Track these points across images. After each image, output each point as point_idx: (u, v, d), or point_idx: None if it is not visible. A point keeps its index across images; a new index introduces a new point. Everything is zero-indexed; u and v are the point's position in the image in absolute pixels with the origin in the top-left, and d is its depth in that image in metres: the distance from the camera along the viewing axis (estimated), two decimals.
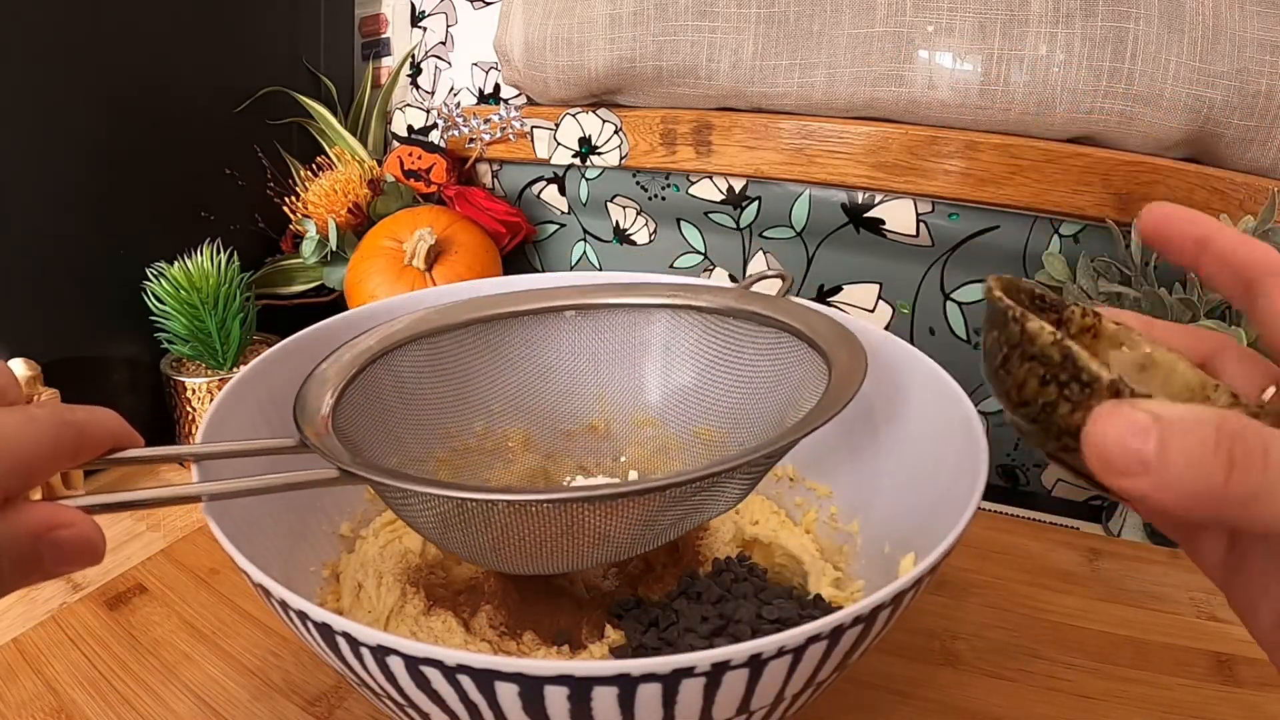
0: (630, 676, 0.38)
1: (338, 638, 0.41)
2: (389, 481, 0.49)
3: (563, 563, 0.53)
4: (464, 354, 0.74)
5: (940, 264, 0.95)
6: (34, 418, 0.38)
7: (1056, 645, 0.69)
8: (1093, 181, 0.85)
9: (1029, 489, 1.01)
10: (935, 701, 0.64)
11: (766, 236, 1.03)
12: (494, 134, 1.14)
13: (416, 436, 0.70)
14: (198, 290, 0.93)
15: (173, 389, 0.97)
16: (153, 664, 0.66)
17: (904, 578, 0.44)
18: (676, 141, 1.02)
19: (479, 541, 0.52)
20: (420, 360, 0.71)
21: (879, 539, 0.67)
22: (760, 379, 0.70)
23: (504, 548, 0.52)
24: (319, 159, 1.15)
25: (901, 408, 0.67)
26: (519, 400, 0.76)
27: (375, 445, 0.64)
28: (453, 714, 0.42)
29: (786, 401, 0.66)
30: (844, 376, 0.58)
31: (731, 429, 0.72)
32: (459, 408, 0.73)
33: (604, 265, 1.16)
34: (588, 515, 0.50)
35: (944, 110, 0.88)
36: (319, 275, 1.11)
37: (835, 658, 0.43)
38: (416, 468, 0.69)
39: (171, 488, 0.47)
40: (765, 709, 0.44)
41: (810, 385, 0.63)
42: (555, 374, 0.77)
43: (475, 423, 0.74)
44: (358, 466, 0.50)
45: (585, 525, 0.51)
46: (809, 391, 0.63)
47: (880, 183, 0.93)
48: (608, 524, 0.51)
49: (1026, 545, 0.81)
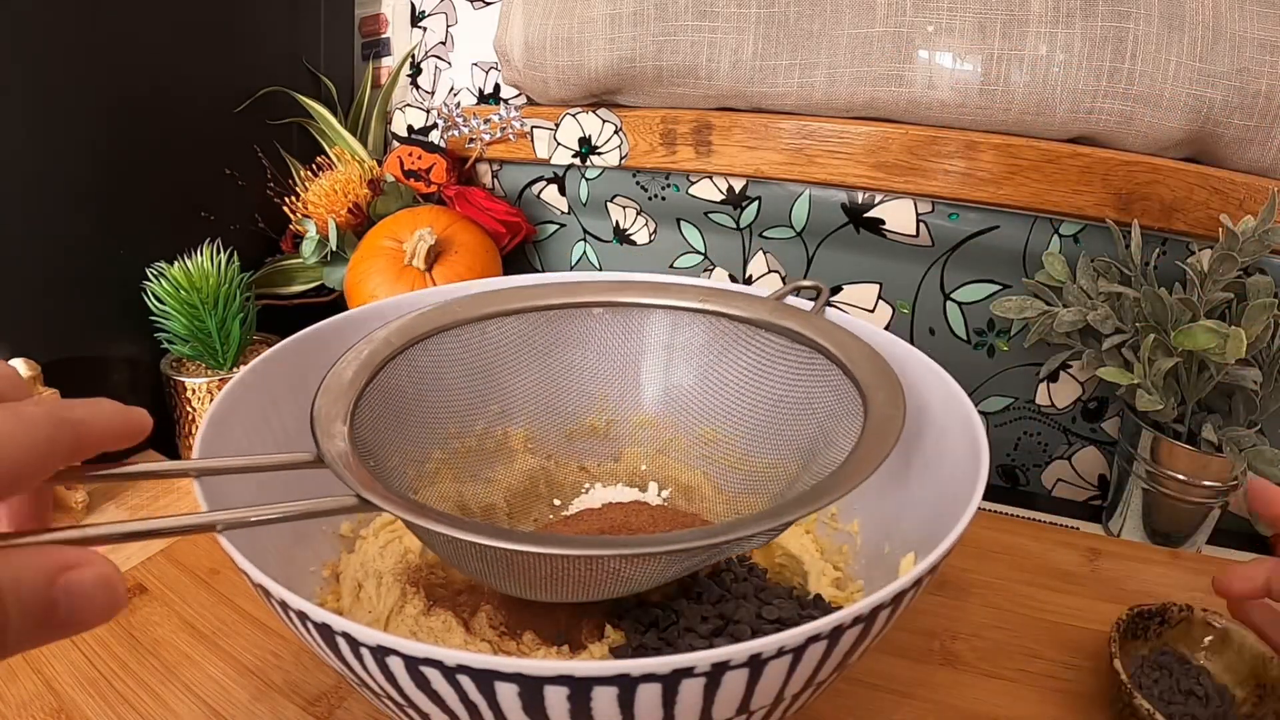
0: (630, 676, 0.38)
1: (337, 638, 0.41)
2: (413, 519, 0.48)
3: (580, 595, 0.53)
4: (487, 348, 0.74)
5: (940, 264, 0.95)
6: (24, 415, 0.35)
7: (1056, 645, 0.69)
8: (1093, 181, 0.85)
9: (1029, 489, 1.01)
10: (935, 701, 0.64)
11: (766, 236, 1.03)
12: (494, 134, 1.14)
13: (419, 435, 0.70)
14: (198, 290, 0.93)
15: (173, 389, 0.97)
16: (153, 664, 0.65)
17: (904, 578, 0.44)
18: (676, 141, 1.02)
19: (497, 575, 0.52)
20: (440, 354, 0.71)
21: (879, 539, 0.67)
22: (790, 400, 0.70)
23: (520, 582, 0.52)
24: (319, 159, 1.15)
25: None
26: (527, 399, 0.76)
27: (385, 449, 0.64)
28: (452, 714, 0.42)
29: (817, 431, 0.66)
30: (881, 422, 0.58)
31: (754, 448, 0.72)
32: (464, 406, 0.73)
33: (604, 265, 1.16)
34: (613, 564, 0.50)
35: (944, 110, 0.88)
36: (319, 275, 1.11)
37: (835, 658, 0.43)
38: (416, 469, 0.69)
39: (185, 516, 0.46)
40: (765, 709, 0.44)
41: (843, 418, 0.63)
42: (575, 373, 0.77)
43: (478, 423, 0.74)
44: (378, 496, 0.50)
45: (608, 570, 0.50)
46: (841, 424, 0.63)
47: (880, 183, 0.93)
48: (631, 570, 0.51)
49: (1026, 545, 0.81)
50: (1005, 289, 0.93)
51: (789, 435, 0.69)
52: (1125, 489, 0.88)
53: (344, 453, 0.55)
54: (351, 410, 0.59)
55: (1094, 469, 0.97)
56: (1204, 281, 0.78)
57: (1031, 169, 0.86)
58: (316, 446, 0.54)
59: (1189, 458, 0.81)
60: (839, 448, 0.60)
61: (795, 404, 0.69)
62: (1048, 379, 0.95)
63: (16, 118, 0.83)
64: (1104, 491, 0.98)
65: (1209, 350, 0.74)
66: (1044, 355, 0.94)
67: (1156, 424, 0.84)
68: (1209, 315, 0.77)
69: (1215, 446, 0.80)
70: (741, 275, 1.07)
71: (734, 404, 0.74)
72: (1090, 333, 0.87)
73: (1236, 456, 0.77)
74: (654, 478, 0.78)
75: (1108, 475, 0.97)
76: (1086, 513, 0.97)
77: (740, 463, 0.73)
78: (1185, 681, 0.62)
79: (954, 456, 0.59)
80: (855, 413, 0.61)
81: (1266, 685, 0.61)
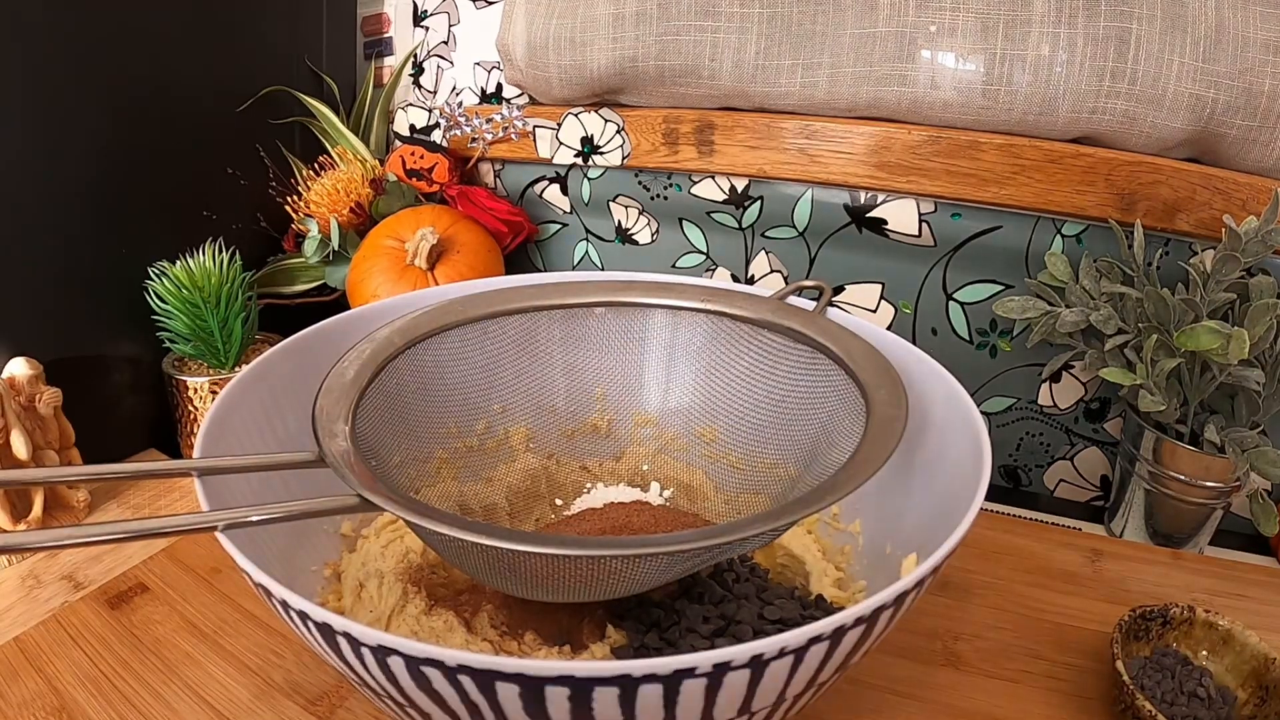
0: (631, 677, 0.38)
1: (338, 638, 0.41)
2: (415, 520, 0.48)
3: (582, 596, 0.53)
4: (489, 347, 0.74)
5: (943, 264, 0.95)
6: None
7: (1058, 646, 0.69)
8: (1095, 181, 0.85)
9: (1031, 489, 1.01)
10: (937, 702, 0.64)
11: (769, 236, 1.03)
12: (496, 133, 1.14)
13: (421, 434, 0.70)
14: (200, 289, 0.93)
15: (174, 388, 0.97)
16: (154, 663, 0.66)
17: (906, 578, 0.44)
18: (679, 141, 1.02)
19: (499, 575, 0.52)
20: (443, 353, 0.71)
21: (881, 539, 0.67)
22: (792, 400, 0.70)
23: (523, 582, 0.52)
24: (321, 158, 1.15)
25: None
26: (529, 398, 0.76)
27: (387, 448, 0.64)
28: (454, 714, 0.42)
29: (819, 431, 0.66)
30: (884, 423, 0.58)
31: (757, 448, 0.72)
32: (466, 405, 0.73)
33: (606, 265, 1.16)
34: (615, 564, 0.50)
35: (947, 110, 0.88)
36: (321, 275, 1.11)
37: (837, 658, 0.44)
38: (417, 468, 0.69)
39: (186, 516, 0.46)
40: (767, 710, 0.44)
41: (845, 417, 0.63)
42: (576, 372, 0.77)
43: (479, 422, 0.74)
44: (379, 496, 0.50)
45: (611, 571, 0.50)
46: (843, 424, 0.63)
47: (883, 183, 0.93)
48: (633, 570, 0.51)
49: (1029, 546, 0.81)
50: (1008, 289, 0.93)
51: (791, 435, 0.69)
52: (1127, 489, 0.88)
53: (346, 452, 0.55)
54: (353, 409, 0.59)
55: (1096, 469, 0.97)
56: (1207, 282, 0.77)
57: (1034, 169, 0.86)
58: (318, 446, 0.54)
59: (1191, 458, 0.81)
60: (841, 448, 0.60)
61: (797, 403, 0.69)
62: (1050, 379, 0.95)
63: (18, 117, 0.83)
64: (1106, 492, 0.97)
65: (1212, 351, 0.73)
66: (1046, 356, 0.94)
67: (1159, 424, 0.84)
68: (1212, 316, 0.77)
69: (1218, 447, 0.80)
70: (744, 275, 1.07)
71: (736, 403, 0.74)
72: (1093, 333, 0.87)
73: (1239, 457, 0.77)
74: (656, 477, 0.78)
75: (1110, 476, 0.96)
76: (1089, 513, 0.97)
77: (742, 462, 0.73)
78: (1187, 683, 0.62)
79: (956, 457, 0.59)
80: (858, 413, 0.61)
81: (1269, 687, 0.61)
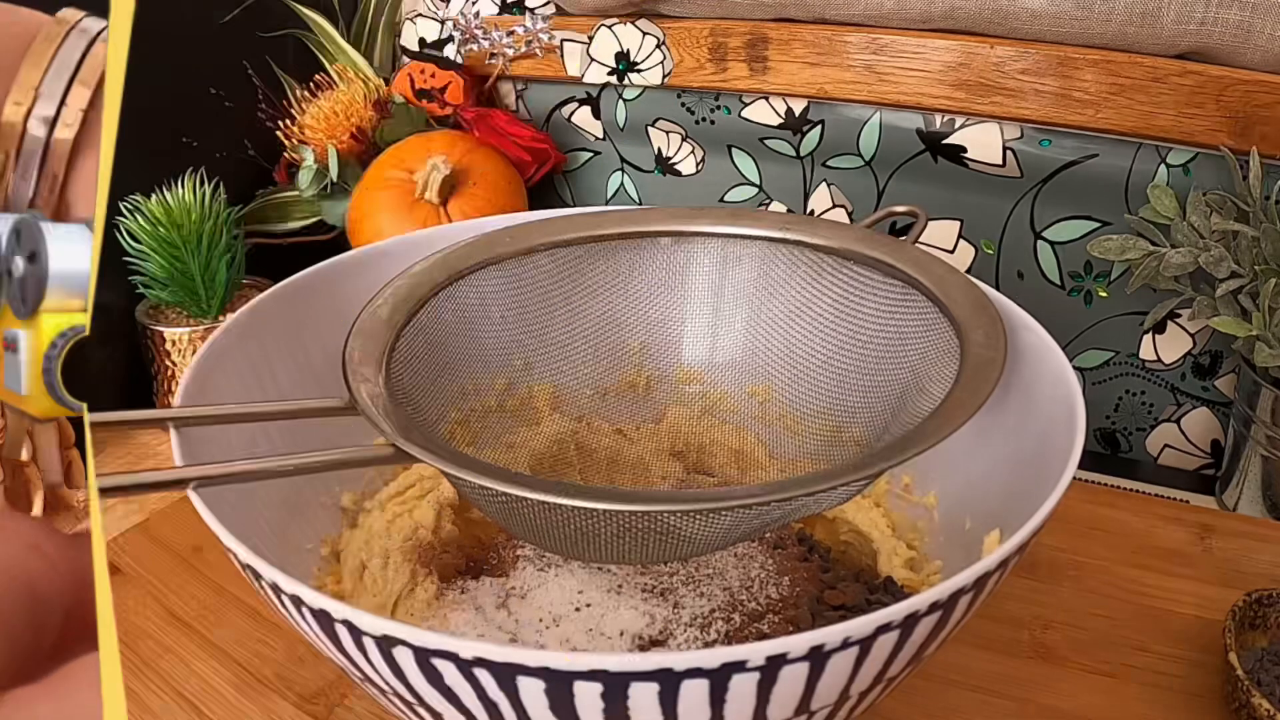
0: (673, 671, 0.38)
1: (337, 626, 0.41)
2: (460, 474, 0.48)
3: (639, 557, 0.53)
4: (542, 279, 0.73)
5: (1030, 198, 0.94)
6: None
7: (1163, 636, 0.69)
8: (1205, 103, 0.84)
9: (1131, 456, 1.01)
10: (1024, 700, 0.64)
11: (830, 166, 1.03)
12: (518, 48, 1.14)
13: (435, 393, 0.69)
14: (178, 227, 0.93)
15: (150, 340, 0.97)
16: (127, 656, 0.66)
17: (988, 558, 0.44)
18: (727, 57, 1.01)
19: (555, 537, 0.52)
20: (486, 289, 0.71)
21: (959, 514, 0.67)
22: (878, 341, 0.69)
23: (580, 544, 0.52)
24: (317, 77, 1.14)
25: None
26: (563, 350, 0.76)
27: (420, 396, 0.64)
28: (469, 714, 0.42)
29: (910, 377, 0.65)
30: (980, 367, 0.57)
31: (840, 396, 0.71)
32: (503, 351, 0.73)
33: (645, 198, 1.16)
34: (683, 522, 0.50)
35: (1035, 21, 0.87)
36: (317, 210, 1.11)
37: (909, 650, 0.43)
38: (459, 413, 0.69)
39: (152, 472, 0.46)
40: (828, 709, 0.44)
41: (936, 361, 0.62)
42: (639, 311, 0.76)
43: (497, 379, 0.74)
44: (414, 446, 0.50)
45: (674, 529, 0.50)
46: (934, 368, 0.62)
47: (961, 105, 0.92)
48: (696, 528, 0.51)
49: (1129, 521, 0.81)
50: (1105, 226, 0.92)
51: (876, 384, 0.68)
52: (1242, 456, 0.87)
53: (379, 396, 0.55)
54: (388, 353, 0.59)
55: (1206, 433, 0.97)
56: None
57: (1135, 89, 0.85)
58: (348, 390, 0.54)
59: None
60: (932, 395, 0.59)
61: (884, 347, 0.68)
62: (1153, 330, 0.94)
63: None
64: (1218, 459, 0.97)
65: None
66: (1149, 303, 0.93)
67: (1278, 381, 0.83)
68: None
69: None
70: (802, 210, 1.07)
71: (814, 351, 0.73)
72: (1202, 277, 0.86)
73: None
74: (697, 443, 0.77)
75: (1222, 441, 0.96)
76: (1197, 483, 0.96)
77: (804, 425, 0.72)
78: None
79: (1045, 419, 0.59)
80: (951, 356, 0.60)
81: None
